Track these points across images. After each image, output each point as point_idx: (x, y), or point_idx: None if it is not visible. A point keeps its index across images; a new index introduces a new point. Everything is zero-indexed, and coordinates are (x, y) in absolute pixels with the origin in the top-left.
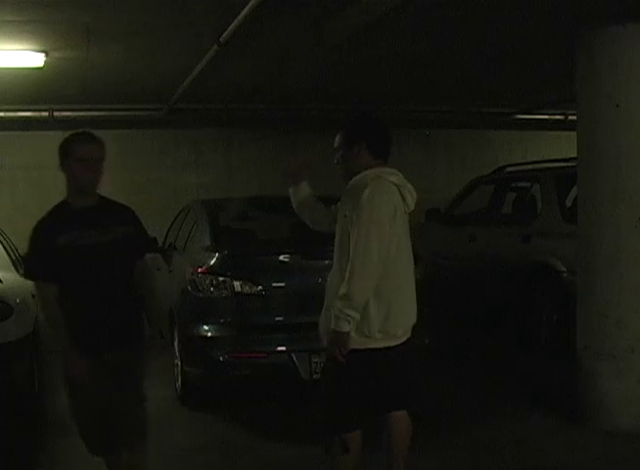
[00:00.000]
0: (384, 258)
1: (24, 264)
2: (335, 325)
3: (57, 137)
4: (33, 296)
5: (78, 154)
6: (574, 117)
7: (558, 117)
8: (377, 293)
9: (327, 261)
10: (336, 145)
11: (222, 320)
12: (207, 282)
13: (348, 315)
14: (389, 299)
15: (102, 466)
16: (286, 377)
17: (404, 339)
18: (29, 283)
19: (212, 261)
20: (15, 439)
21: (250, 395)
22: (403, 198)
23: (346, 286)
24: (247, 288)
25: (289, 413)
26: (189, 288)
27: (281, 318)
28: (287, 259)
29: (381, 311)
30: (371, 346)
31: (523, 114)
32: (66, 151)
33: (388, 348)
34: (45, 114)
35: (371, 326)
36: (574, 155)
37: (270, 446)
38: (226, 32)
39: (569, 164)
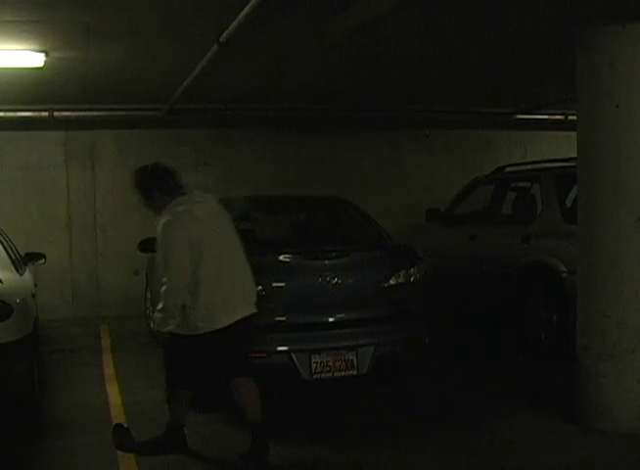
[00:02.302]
0: (189, 270)
1: None
2: (158, 328)
3: (57, 137)
4: (33, 296)
5: None
6: (574, 117)
7: (558, 117)
8: (192, 295)
9: (327, 261)
10: (142, 198)
11: None
12: None
13: (167, 321)
14: (205, 296)
15: (98, 467)
16: (286, 377)
17: (231, 321)
18: (29, 283)
19: None
20: (14, 439)
21: None
22: (196, 217)
23: (162, 301)
24: None
25: (289, 413)
26: None
27: (281, 318)
28: (287, 259)
29: (199, 309)
30: (194, 333)
31: (523, 114)
32: None
33: (212, 331)
34: (45, 114)
35: (194, 321)
36: (574, 155)
37: (270, 445)
38: (226, 32)
39: (569, 164)
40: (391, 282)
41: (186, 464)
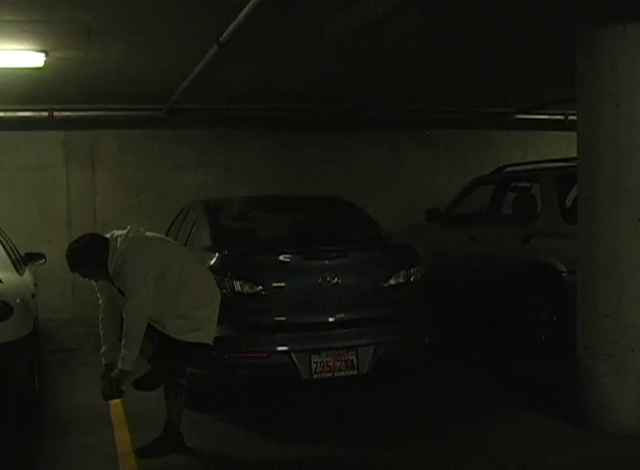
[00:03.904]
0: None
1: None
2: (122, 366)
3: (57, 137)
4: (33, 296)
5: None
6: (574, 117)
7: (558, 117)
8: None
9: (327, 261)
10: (92, 275)
11: (222, 320)
12: None
13: (129, 364)
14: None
15: (98, 467)
16: (286, 377)
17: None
18: (29, 283)
19: (212, 261)
20: (14, 439)
21: (250, 395)
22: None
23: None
24: (247, 288)
25: (289, 413)
26: None
27: (281, 318)
28: (287, 259)
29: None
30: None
31: (523, 114)
32: None
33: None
34: (45, 114)
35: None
36: (574, 155)
37: (270, 445)
38: (226, 32)
39: (569, 164)
40: (391, 282)
41: (186, 464)
